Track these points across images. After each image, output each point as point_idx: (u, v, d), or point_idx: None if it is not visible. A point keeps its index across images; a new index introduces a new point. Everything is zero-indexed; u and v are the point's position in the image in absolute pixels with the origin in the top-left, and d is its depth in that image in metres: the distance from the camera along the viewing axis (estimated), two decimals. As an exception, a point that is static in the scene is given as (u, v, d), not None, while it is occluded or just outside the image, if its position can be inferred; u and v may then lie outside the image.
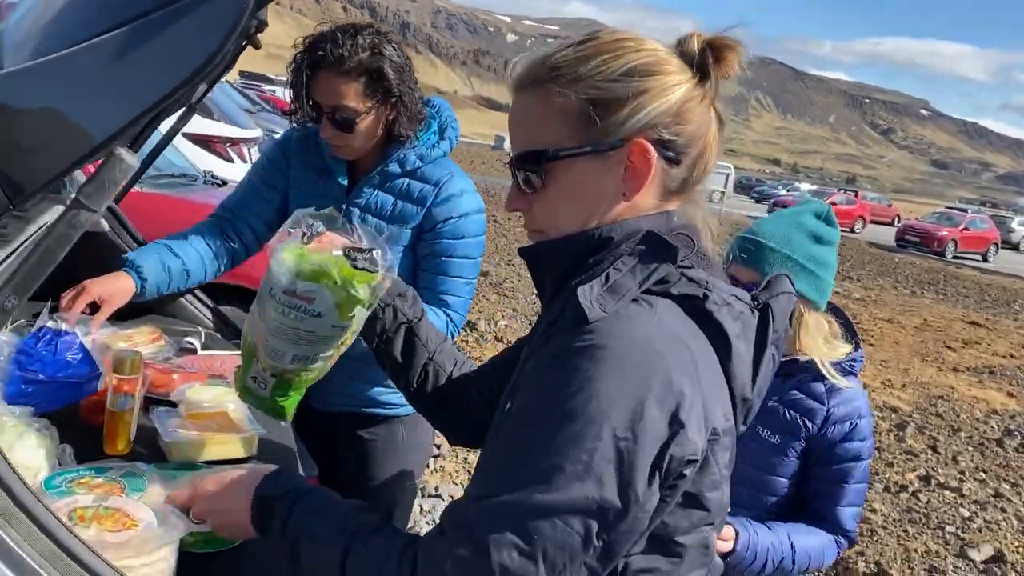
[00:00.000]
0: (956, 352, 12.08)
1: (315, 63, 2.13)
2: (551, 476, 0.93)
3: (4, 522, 0.84)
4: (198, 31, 0.70)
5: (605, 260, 1.10)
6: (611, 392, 0.95)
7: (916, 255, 29.06)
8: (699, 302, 1.09)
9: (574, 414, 0.94)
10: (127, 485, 1.37)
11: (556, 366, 1.00)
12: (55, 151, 0.72)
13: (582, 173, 1.13)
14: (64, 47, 0.72)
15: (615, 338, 0.99)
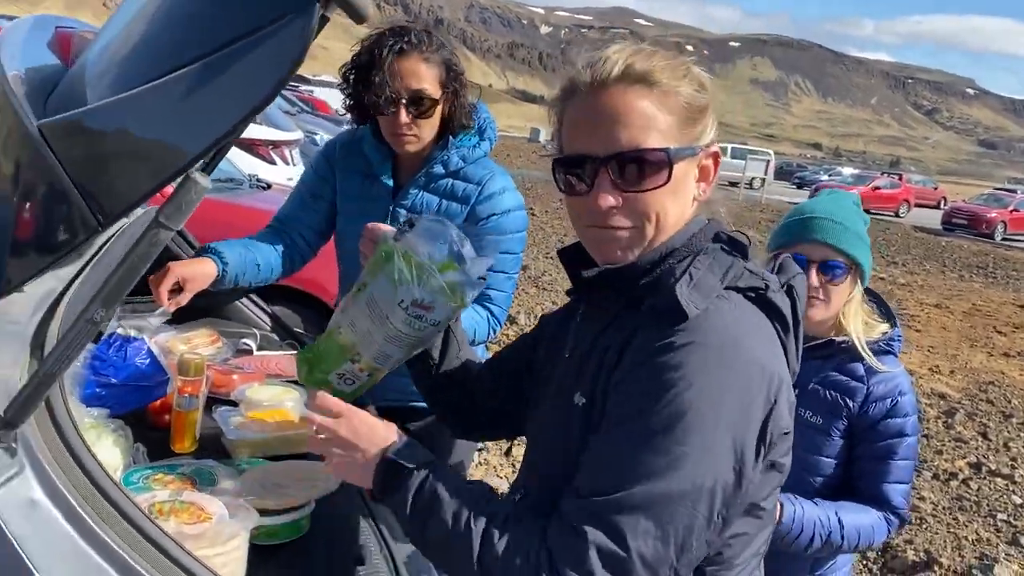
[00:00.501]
0: (1007, 336, 11.84)
1: (401, 49, 2.24)
2: (677, 465, 1.02)
3: (99, 518, 0.92)
4: (265, 64, 0.76)
5: (670, 257, 1.21)
6: (718, 383, 1.06)
7: (964, 238, 28.45)
8: (762, 292, 1.19)
9: (688, 406, 1.04)
10: (198, 480, 1.46)
11: (660, 364, 1.08)
12: (139, 176, 0.79)
13: (683, 173, 1.20)
14: (145, 82, 0.79)
15: (711, 332, 1.09)
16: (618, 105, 1.17)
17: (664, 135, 1.17)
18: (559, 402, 1.28)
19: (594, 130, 1.19)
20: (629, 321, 1.21)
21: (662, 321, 1.12)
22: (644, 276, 1.21)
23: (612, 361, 1.17)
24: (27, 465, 0.91)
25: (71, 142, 0.81)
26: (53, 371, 0.86)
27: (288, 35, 0.75)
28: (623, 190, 1.18)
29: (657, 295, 1.16)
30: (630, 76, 1.17)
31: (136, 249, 0.83)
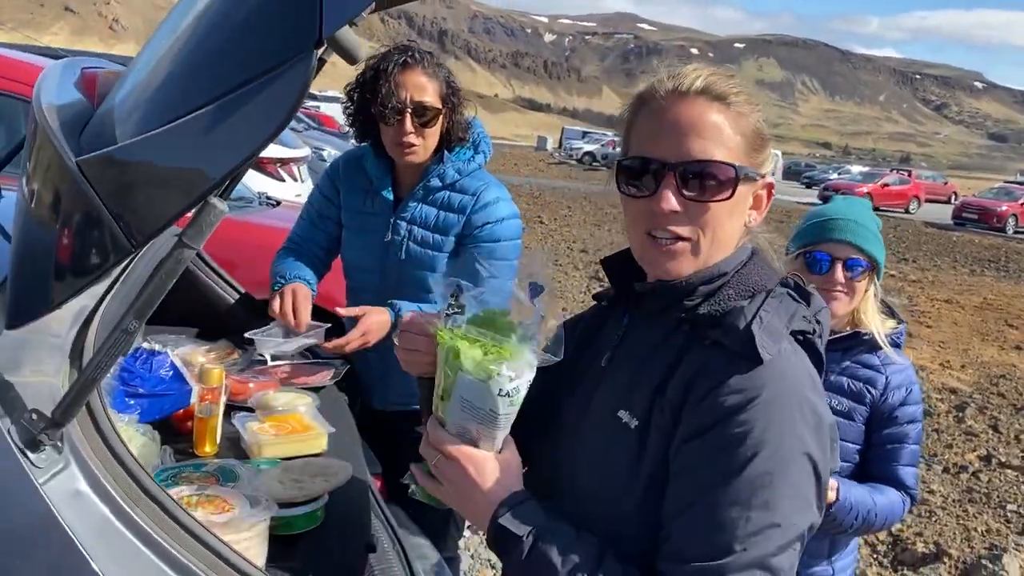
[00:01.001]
0: (1018, 330, 11.85)
1: (405, 63, 2.42)
2: (779, 520, 1.08)
3: (135, 505, 1.03)
4: (271, 103, 0.87)
5: (725, 288, 1.23)
6: (799, 440, 1.11)
7: (975, 232, 28.36)
8: (811, 337, 1.23)
9: (776, 464, 1.09)
10: (221, 477, 1.58)
11: (740, 420, 1.10)
12: (165, 203, 0.91)
13: (742, 195, 1.24)
14: (168, 121, 0.90)
15: (783, 384, 1.13)
16: (695, 116, 1.21)
17: (732, 153, 1.21)
18: (600, 416, 1.28)
19: (668, 136, 1.22)
20: (678, 345, 1.24)
21: (731, 360, 1.15)
22: (697, 296, 1.24)
23: (676, 393, 1.18)
24: (72, 460, 1.03)
25: (105, 175, 0.93)
26: (94, 376, 0.98)
27: (291, 78, 0.86)
28: (687, 198, 1.21)
29: (726, 333, 1.17)
30: (710, 92, 1.21)
31: (163, 266, 0.94)
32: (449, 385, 1.22)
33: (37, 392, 1.08)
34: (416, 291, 2.56)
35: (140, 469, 1.07)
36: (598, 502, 1.22)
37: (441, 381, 1.24)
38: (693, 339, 1.22)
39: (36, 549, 0.98)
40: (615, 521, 1.20)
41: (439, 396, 1.25)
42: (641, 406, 1.21)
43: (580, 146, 52.51)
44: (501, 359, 1.19)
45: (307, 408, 2.05)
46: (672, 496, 1.14)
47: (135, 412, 1.73)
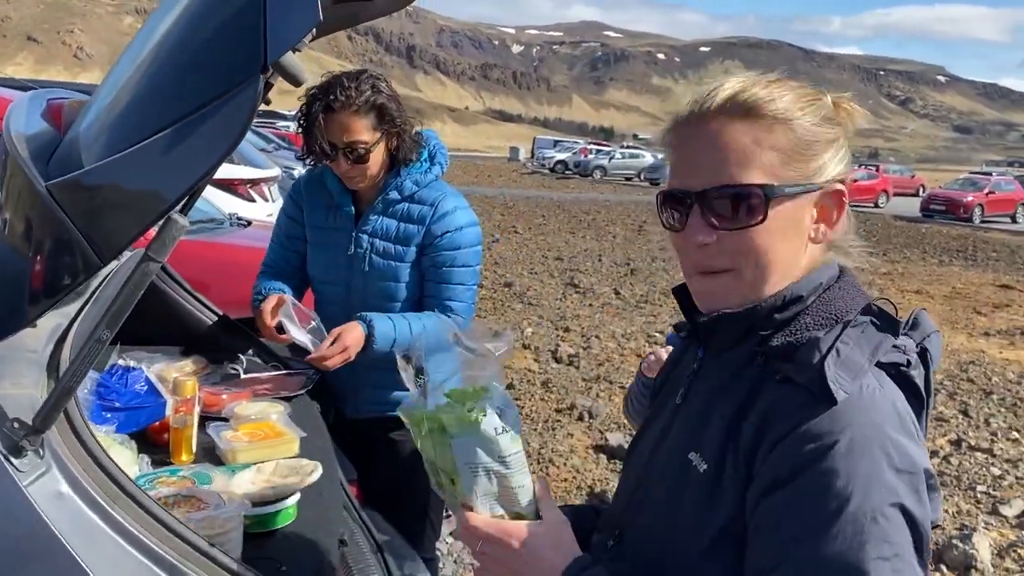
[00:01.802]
0: (987, 317, 12.06)
1: (328, 107, 2.45)
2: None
3: (115, 504, 1.11)
4: (224, 125, 0.96)
5: (802, 316, 1.12)
6: (881, 480, 0.97)
7: (943, 224, 28.80)
8: (903, 368, 1.09)
9: (859, 507, 0.96)
10: (196, 480, 1.66)
11: (821, 470, 0.98)
12: (129, 221, 0.99)
13: (788, 213, 1.11)
14: (130, 145, 0.99)
15: (863, 421, 1.00)
16: (714, 137, 1.11)
17: (765, 170, 1.09)
18: (671, 457, 1.19)
19: (689, 162, 1.14)
20: (750, 381, 1.13)
21: (804, 400, 1.03)
22: (771, 325, 1.13)
23: (750, 435, 1.07)
24: (53, 464, 1.11)
25: (74, 197, 1.01)
26: (70, 384, 1.05)
27: (241, 101, 0.95)
28: (716, 227, 1.11)
29: (798, 368, 1.06)
30: (733, 107, 1.11)
31: (131, 279, 1.03)
32: (449, 464, 1.15)
33: (17, 403, 1.15)
34: (381, 301, 2.64)
35: (118, 470, 1.15)
36: (662, 545, 1.14)
37: (443, 465, 1.17)
38: (767, 374, 1.11)
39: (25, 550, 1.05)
40: (679, 569, 1.10)
41: (448, 482, 1.17)
42: (712, 448, 1.11)
43: (552, 155, 52.81)
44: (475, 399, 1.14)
45: (279, 416, 2.13)
46: (753, 556, 1.02)
47: (112, 424, 1.81)
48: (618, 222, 22.15)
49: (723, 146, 1.10)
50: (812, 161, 1.12)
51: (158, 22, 1.18)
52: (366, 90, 2.47)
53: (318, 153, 2.52)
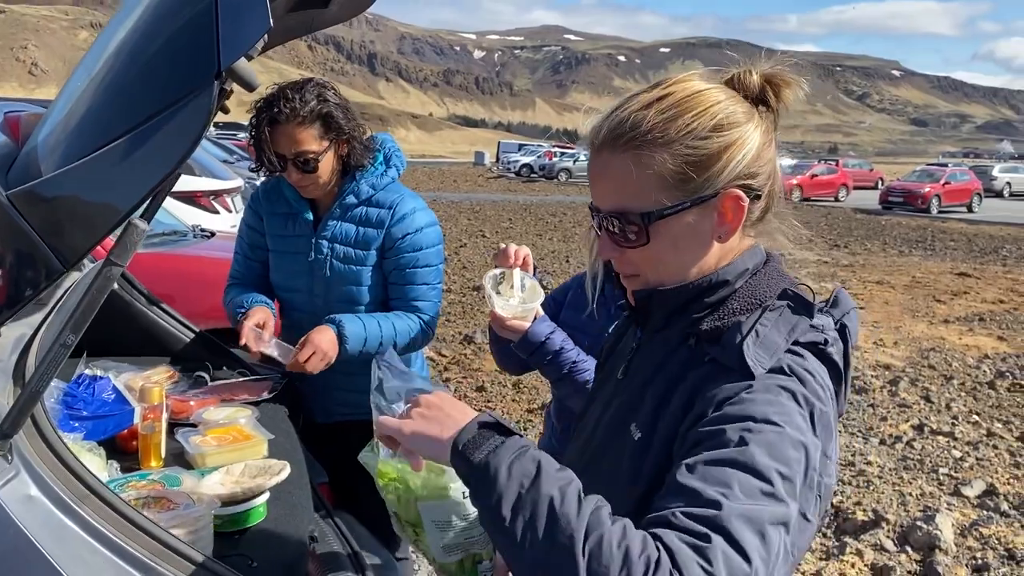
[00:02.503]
0: (946, 304, 12.30)
1: (273, 120, 2.46)
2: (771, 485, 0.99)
3: (85, 505, 1.13)
4: (181, 130, 0.99)
5: (730, 300, 1.19)
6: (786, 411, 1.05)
7: (902, 215, 29.31)
8: (821, 347, 1.17)
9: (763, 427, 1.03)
10: (166, 483, 1.68)
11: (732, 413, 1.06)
12: (91, 227, 1.02)
13: (680, 226, 1.18)
14: (87, 153, 1.02)
15: (777, 377, 1.10)
16: (603, 167, 1.19)
17: (647, 196, 1.16)
18: (612, 427, 1.27)
19: (592, 185, 1.23)
20: (683, 358, 1.21)
21: (729, 376, 1.11)
22: (703, 309, 1.21)
23: (677, 409, 1.15)
24: (22, 468, 1.12)
25: (35, 206, 1.03)
26: (37, 388, 1.07)
27: (196, 106, 0.98)
28: (619, 244, 1.21)
29: (722, 349, 1.14)
30: (615, 140, 1.17)
31: (94, 284, 1.05)
32: (414, 518, 1.19)
33: (-16, 410, 1.17)
34: (345, 306, 2.66)
35: (86, 472, 1.17)
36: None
37: (408, 518, 1.20)
38: (697, 354, 1.19)
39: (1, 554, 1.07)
40: None
41: (411, 531, 1.20)
42: (645, 420, 1.19)
43: (517, 159, 52.89)
44: (442, 469, 1.16)
45: (247, 420, 2.15)
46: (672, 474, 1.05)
47: (80, 433, 1.82)
48: (584, 223, 22.05)
49: (609, 177, 1.19)
50: (699, 175, 1.16)
51: (112, 33, 1.21)
52: (311, 100, 2.47)
53: (268, 165, 2.54)
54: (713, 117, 1.17)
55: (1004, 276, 15.35)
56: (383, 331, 2.56)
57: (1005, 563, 4.52)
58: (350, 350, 2.51)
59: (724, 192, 1.17)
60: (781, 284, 1.22)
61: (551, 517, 0.95)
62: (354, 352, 2.52)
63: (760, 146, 1.20)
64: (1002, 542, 4.73)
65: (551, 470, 1.01)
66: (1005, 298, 13.00)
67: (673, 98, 1.17)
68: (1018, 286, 14.16)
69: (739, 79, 1.23)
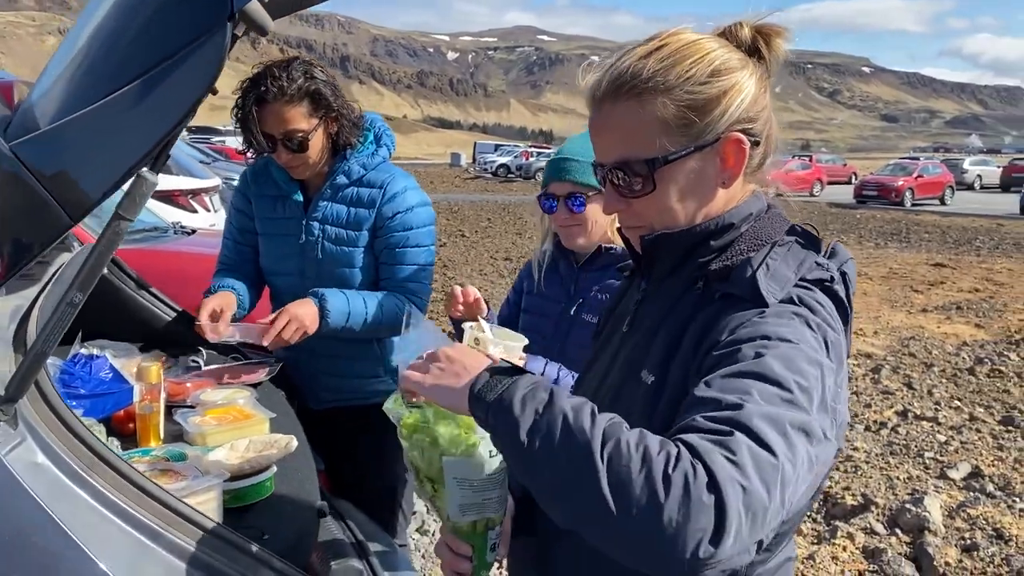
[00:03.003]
0: (923, 294, 12.45)
1: (260, 99, 2.40)
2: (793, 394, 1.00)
3: (91, 471, 1.09)
4: (193, 74, 0.95)
5: (737, 243, 1.21)
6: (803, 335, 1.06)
7: (876, 209, 29.61)
8: (828, 284, 1.19)
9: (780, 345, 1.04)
10: (170, 458, 1.63)
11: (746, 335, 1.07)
12: (100, 178, 0.98)
13: (684, 172, 1.20)
14: (95, 101, 0.98)
15: (789, 304, 1.11)
16: (604, 119, 1.22)
17: (649, 144, 1.18)
18: (622, 376, 1.29)
19: (594, 141, 1.25)
20: (692, 301, 1.22)
21: (742, 306, 1.12)
22: (710, 252, 1.23)
23: (690, 345, 1.16)
24: (28, 435, 1.08)
25: (39, 157, 0.99)
26: (43, 349, 1.03)
27: (209, 49, 0.94)
28: (624, 196, 1.23)
29: (732, 284, 1.16)
30: (615, 90, 1.19)
31: (102, 239, 1.01)
32: (435, 472, 1.15)
33: (-14, 377, 1.12)
34: (337, 287, 2.61)
35: (93, 437, 1.13)
36: None
37: (429, 473, 1.16)
38: (706, 295, 1.21)
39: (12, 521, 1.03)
40: None
41: (424, 482, 1.17)
42: (656, 363, 1.21)
43: (494, 159, 52.86)
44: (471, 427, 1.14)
45: (246, 400, 2.11)
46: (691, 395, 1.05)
47: (78, 411, 1.76)
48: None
49: (611, 127, 1.22)
50: (700, 120, 1.19)
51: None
52: (298, 77, 2.42)
53: (256, 146, 2.48)
54: (710, 64, 1.19)
55: (979, 266, 15.54)
56: (368, 308, 2.50)
57: (994, 542, 4.55)
58: (332, 323, 2.44)
59: (725, 136, 1.20)
60: (785, 225, 1.26)
61: (566, 431, 0.96)
62: (336, 326, 2.45)
63: (757, 92, 1.23)
64: (990, 522, 4.77)
65: (563, 395, 1.02)
66: (980, 287, 13.16)
67: (670, 48, 1.20)
68: (992, 275, 14.34)
69: (731, 31, 1.26)
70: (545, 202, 2.20)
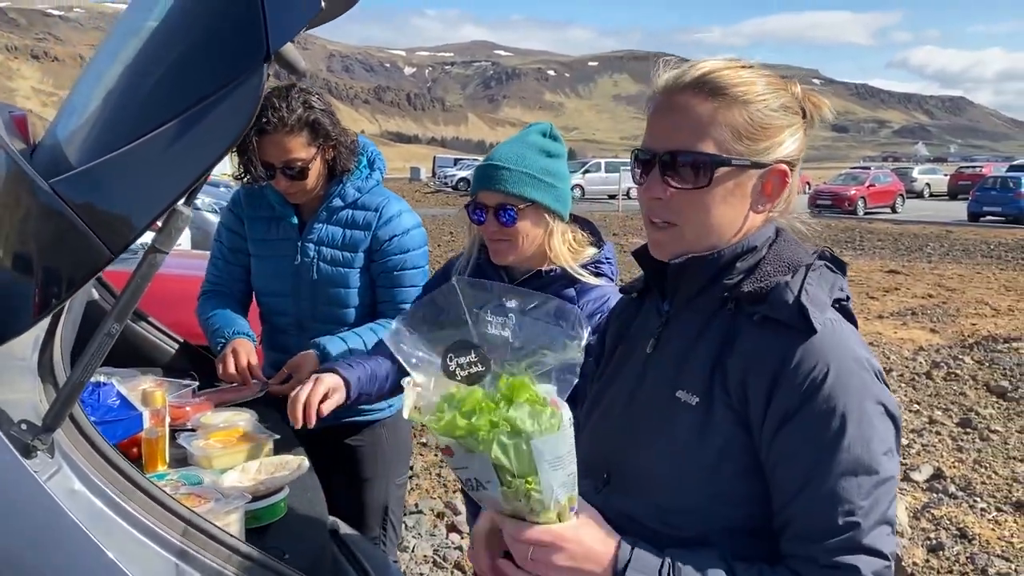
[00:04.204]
0: (879, 301, 12.71)
1: (260, 130, 2.43)
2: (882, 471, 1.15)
3: (125, 496, 1.12)
4: (230, 113, 0.99)
5: (763, 265, 1.28)
6: (868, 389, 1.17)
7: (831, 217, 30.15)
8: (845, 303, 1.29)
9: (860, 418, 1.16)
10: (186, 481, 1.65)
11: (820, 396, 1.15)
12: (139, 213, 1.01)
13: (734, 181, 1.26)
14: (133, 139, 1.01)
15: (845, 352, 1.18)
16: (679, 108, 1.26)
17: (716, 143, 1.24)
18: (657, 398, 1.31)
19: (657, 127, 1.29)
20: (725, 322, 1.28)
21: (787, 335, 1.19)
22: (736, 273, 1.29)
23: (737, 370, 1.22)
24: (64, 464, 1.11)
25: (81, 193, 1.02)
26: (81, 379, 1.06)
27: (246, 90, 0.99)
28: (669, 185, 1.26)
29: (777, 308, 1.22)
30: (700, 84, 1.25)
31: (139, 271, 1.05)
32: (526, 464, 1.05)
33: (19, 406, 1.14)
34: (332, 308, 2.66)
35: (126, 463, 1.16)
36: (658, 481, 1.27)
37: (513, 466, 1.05)
38: (741, 316, 1.27)
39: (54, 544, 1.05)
40: (678, 497, 1.24)
41: (514, 482, 1.06)
42: (698, 384, 1.25)
43: (454, 173, 52.87)
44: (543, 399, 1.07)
45: (247, 422, 2.14)
46: (782, 483, 1.18)
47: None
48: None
49: (684, 117, 1.26)
50: (763, 141, 1.26)
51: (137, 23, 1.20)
52: (297, 107, 2.46)
53: (255, 175, 2.52)
54: (782, 98, 1.29)
55: (931, 272, 15.94)
56: (367, 346, 2.55)
57: (958, 541, 4.70)
58: None
59: (775, 165, 1.28)
60: (803, 249, 1.33)
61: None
62: None
63: (803, 141, 1.33)
64: (953, 522, 4.92)
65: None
66: (933, 292, 13.49)
67: (754, 71, 1.29)
68: (944, 280, 14.72)
69: (783, 85, 1.33)
70: (474, 213, 2.06)
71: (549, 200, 2.03)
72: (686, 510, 1.24)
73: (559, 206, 2.06)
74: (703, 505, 1.23)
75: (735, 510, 1.23)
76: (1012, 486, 5.48)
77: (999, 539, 4.74)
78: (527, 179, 2.00)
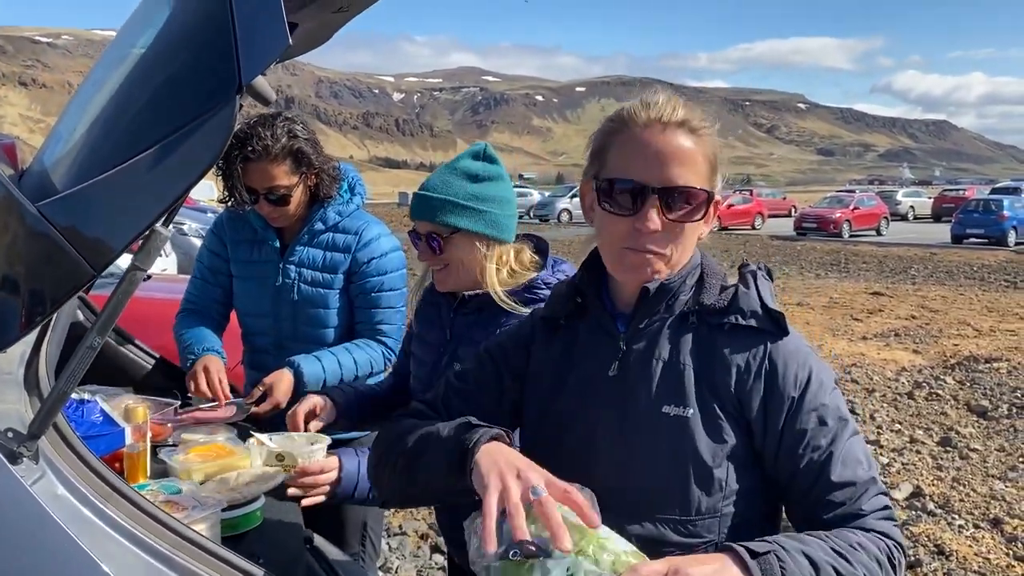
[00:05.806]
0: (863, 322, 12.85)
1: (245, 157, 2.52)
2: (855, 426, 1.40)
3: (106, 500, 1.19)
4: (204, 142, 1.07)
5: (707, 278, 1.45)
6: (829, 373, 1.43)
7: (816, 240, 30.46)
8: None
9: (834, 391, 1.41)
10: (165, 491, 1.71)
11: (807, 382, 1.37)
12: (119, 234, 1.09)
13: (708, 211, 1.40)
14: (116, 164, 1.09)
15: (801, 340, 1.42)
16: (676, 146, 1.35)
17: (702, 178, 1.37)
18: (645, 416, 1.38)
19: (652, 163, 1.34)
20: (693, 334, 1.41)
21: (763, 337, 1.38)
22: (687, 289, 1.43)
23: (724, 376, 1.37)
24: (48, 470, 1.17)
25: (66, 216, 1.10)
26: (66, 388, 1.13)
27: (219, 120, 1.06)
28: (668, 219, 1.35)
29: (743, 315, 1.39)
30: (685, 123, 1.36)
31: (119, 288, 1.12)
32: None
33: (6, 416, 1.21)
34: (311, 328, 2.74)
35: (107, 470, 1.22)
36: (671, 496, 1.35)
37: None
38: (705, 327, 1.41)
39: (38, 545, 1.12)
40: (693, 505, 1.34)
41: None
42: (688, 396, 1.37)
43: (442, 198, 53.01)
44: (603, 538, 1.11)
45: (226, 438, 2.20)
46: (807, 464, 1.33)
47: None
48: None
49: (681, 155, 1.35)
50: (717, 175, 1.42)
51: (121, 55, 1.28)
52: (281, 136, 2.54)
53: (238, 200, 2.60)
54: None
55: (915, 294, 16.11)
56: (343, 367, 2.62)
57: (935, 558, 4.77)
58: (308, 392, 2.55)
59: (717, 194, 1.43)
60: (720, 265, 1.50)
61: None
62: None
63: None
64: (931, 539, 4.99)
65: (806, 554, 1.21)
66: (917, 314, 13.64)
67: (704, 112, 1.42)
68: (927, 302, 14.88)
69: None
70: (413, 239, 2.07)
71: (479, 226, 2.00)
72: (702, 515, 1.34)
73: (492, 230, 2.02)
74: (717, 506, 1.34)
75: (740, 505, 1.35)
76: (990, 503, 5.56)
77: (976, 555, 4.81)
78: (450, 207, 1.99)
